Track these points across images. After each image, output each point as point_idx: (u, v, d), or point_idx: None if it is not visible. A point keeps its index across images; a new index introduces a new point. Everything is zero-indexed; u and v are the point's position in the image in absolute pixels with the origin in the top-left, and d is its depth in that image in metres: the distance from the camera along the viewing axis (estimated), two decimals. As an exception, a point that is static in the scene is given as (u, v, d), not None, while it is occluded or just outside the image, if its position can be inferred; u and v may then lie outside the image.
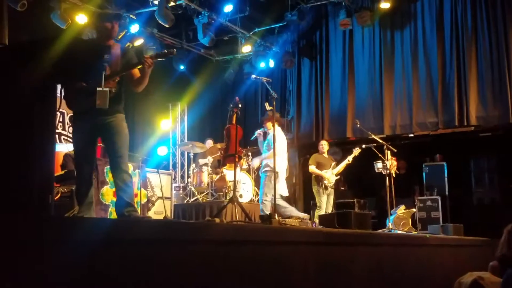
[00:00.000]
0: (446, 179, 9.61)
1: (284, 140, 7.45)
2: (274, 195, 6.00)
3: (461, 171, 10.13)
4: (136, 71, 4.12)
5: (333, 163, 8.62)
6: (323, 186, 8.49)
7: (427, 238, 5.82)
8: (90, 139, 4.08)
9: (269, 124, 7.19)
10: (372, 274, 4.24)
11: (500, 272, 3.78)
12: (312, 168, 8.64)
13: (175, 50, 4.36)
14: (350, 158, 8.51)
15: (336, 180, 8.65)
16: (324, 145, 8.90)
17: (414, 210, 8.53)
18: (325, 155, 8.84)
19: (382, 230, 7.48)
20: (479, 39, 9.04)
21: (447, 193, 9.50)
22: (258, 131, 7.75)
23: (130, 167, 6.38)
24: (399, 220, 7.93)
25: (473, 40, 9.07)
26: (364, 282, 4.10)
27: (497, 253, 3.87)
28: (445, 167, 9.70)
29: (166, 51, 4.34)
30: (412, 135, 9.88)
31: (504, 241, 3.79)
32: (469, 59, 9.04)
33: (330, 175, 8.48)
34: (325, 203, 8.47)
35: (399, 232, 7.44)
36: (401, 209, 8.09)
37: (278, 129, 7.11)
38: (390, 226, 7.50)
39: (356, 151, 8.48)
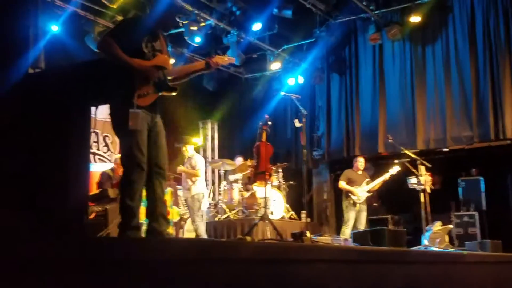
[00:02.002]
0: (483, 194, 9.41)
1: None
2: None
3: (499, 186, 9.89)
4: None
5: (367, 180, 8.51)
6: (352, 202, 8.39)
7: (464, 256, 5.69)
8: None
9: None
10: (407, 293, 4.16)
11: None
12: (342, 184, 8.56)
13: (234, 58, 4.37)
14: (387, 176, 8.35)
15: (368, 197, 8.53)
16: (360, 162, 8.75)
17: (450, 226, 8.35)
18: (360, 172, 8.71)
19: (418, 247, 7.35)
20: (514, 51, 8.90)
21: (484, 208, 9.30)
22: None
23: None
24: (435, 237, 7.77)
25: (507, 51, 8.93)
26: (400, 301, 4.02)
27: None
28: (482, 182, 9.50)
29: (227, 57, 4.33)
30: (446, 149, 9.73)
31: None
32: (503, 71, 8.90)
33: (361, 191, 8.38)
34: (353, 220, 8.33)
35: (435, 249, 7.29)
36: (437, 226, 7.93)
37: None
38: (426, 243, 7.36)
39: (394, 170, 8.35)
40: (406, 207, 10.18)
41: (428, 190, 7.54)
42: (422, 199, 7.42)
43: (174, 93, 3.93)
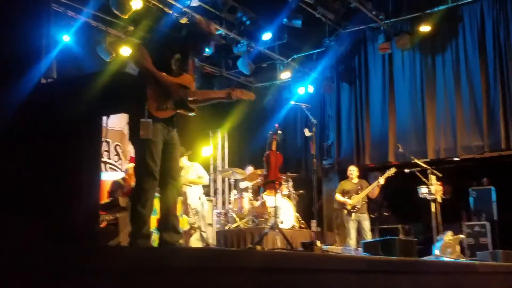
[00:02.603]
0: (494, 203, 9.35)
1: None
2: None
3: (510, 195, 9.81)
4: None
5: (359, 188, 8.36)
6: (346, 212, 8.27)
7: (476, 266, 5.63)
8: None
9: None
10: (418, 304, 4.12)
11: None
12: (336, 196, 8.47)
13: (254, 96, 4.42)
14: (381, 180, 8.20)
15: (367, 204, 8.33)
16: (350, 171, 8.61)
17: (462, 236, 8.27)
18: (354, 180, 8.52)
19: (429, 257, 7.29)
20: (524, 60, 8.86)
21: (496, 218, 9.23)
22: None
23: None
24: (446, 246, 7.70)
25: (517, 60, 8.89)
26: (411, 311, 3.98)
27: None
28: (493, 191, 9.44)
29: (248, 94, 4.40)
30: (457, 159, 9.68)
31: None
32: (514, 81, 8.86)
33: (354, 200, 8.22)
34: (354, 230, 8.15)
35: (446, 259, 7.22)
36: (448, 235, 7.86)
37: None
38: (437, 253, 7.30)
39: (390, 171, 8.23)
40: (417, 217, 10.13)
41: (439, 200, 7.48)
42: (433, 209, 7.37)
43: (191, 114, 4.01)
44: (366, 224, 8.25)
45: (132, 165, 7.84)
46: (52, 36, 7.56)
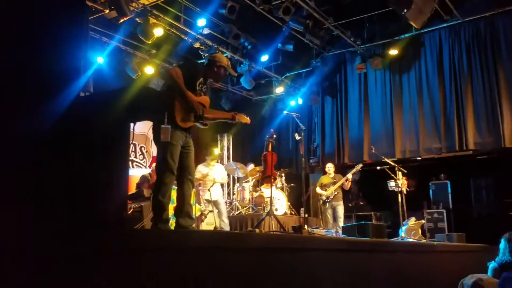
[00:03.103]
0: (449, 195, 9.35)
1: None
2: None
3: (463, 188, 9.81)
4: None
5: (335, 181, 8.22)
6: (321, 202, 8.20)
7: (434, 246, 5.63)
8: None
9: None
10: (388, 277, 4.12)
11: (497, 275, 3.62)
12: (316, 189, 8.35)
13: (249, 120, 4.56)
14: (349, 176, 8.07)
15: (338, 195, 8.14)
16: (329, 167, 8.46)
17: (423, 221, 8.27)
18: (331, 175, 8.35)
19: (396, 238, 7.28)
20: (474, 78, 8.85)
21: (451, 207, 9.23)
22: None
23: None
24: (410, 230, 7.70)
25: (469, 79, 8.89)
26: (382, 284, 3.98)
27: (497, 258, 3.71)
28: (449, 185, 9.44)
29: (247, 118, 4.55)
30: (419, 158, 9.67)
31: (504, 248, 3.64)
32: (466, 95, 8.86)
33: (329, 191, 8.08)
34: (330, 216, 8.02)
35: (410, 240, 7.22)
36: (412, 221, 7.86)
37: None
38: (403, 235, 7.29)
39: (357, 167, 8.14)
40: (387, 206, 10.12)
41: (405, 192, 7.46)
42: (399, 199, 7.35)
43: (204, 127, 4.08)
44: (340, 211, 8.07)
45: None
46: (89, 58, 7.56)
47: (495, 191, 9.55)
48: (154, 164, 7.90)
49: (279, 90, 10.84)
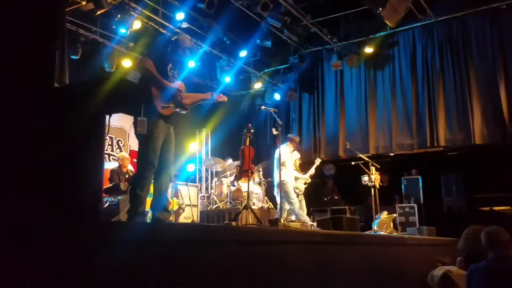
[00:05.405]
0: (421, 190, 9.52)
1: (289, 156, 7.36)
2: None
3: (433, 184, 10.02)
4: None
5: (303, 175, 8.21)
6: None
7: (406, 239, 5.74)
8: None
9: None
10: (361, 269, 4.18)
11: (465, 266, 3.71)
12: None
13: (226, 98, 4.49)
14: (312, 171, 8.12)
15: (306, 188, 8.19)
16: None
17: (395, 215, 8.40)
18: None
19: (369, 231, 7.39)
20: (446, 76, 9.02)
21: (422, 201, 9.40)
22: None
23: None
24: (382, 223, 7.82)
25: (441, 77, 9.05)
26: (355, 275, 4.04)
27: (463, 248, 3.81)
28: (420, 180, 9.62)
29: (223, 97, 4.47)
30: (392, 154, 9.82)
31: (468, 239, 3.73)
32: (437, 92, 9.02)
33: (300, 184, 8.12)
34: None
35: (382, 233, 7.34)
36: (384, 215, 7.97)
37: (285, 147, 7.14)
38: (375, 229, 7.41)
39: (316, 163, 8.23)
40: (360, 200, 10.27)
41: (378, 186, 7.58)
42: (372, 193, 7.46)
43: (185, 111, 4.04)
44: (304, 204, 8.12)
45: (123, 153, 7.71)
46: (66, 49, 7.36)
47: (464, 186, 9.78)
48: (119, 154, 7.75)
49: (257, 85, 10.83)
